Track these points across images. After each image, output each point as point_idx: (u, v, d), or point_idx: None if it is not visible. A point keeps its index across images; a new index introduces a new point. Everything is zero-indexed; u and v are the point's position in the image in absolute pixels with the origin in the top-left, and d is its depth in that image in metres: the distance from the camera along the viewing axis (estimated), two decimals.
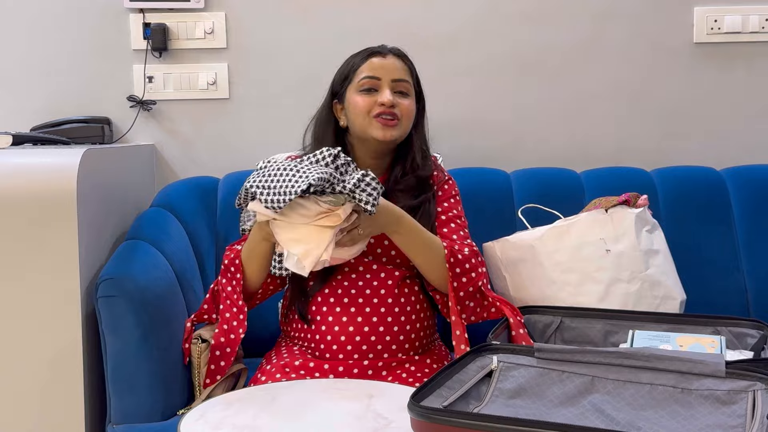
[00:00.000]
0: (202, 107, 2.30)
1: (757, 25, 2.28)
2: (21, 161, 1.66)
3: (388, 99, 1.66)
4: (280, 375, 1.59)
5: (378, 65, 1.69)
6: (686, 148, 2.31)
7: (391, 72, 1.69)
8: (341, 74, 1.74)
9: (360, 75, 1.69)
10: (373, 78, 1.68)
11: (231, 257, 1.66)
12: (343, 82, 1.72)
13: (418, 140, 1.75)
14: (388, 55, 1.71)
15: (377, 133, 1.66)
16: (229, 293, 1.65)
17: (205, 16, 2.27)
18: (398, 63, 1.71)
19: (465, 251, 1.63)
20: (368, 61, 1.70)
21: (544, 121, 2.32)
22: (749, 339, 1.55)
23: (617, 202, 1.83)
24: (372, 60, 1.70)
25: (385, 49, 1.72)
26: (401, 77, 1.69)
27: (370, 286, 1.63)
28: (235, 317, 1.63)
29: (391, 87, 1.68)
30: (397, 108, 1.67)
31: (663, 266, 1.82)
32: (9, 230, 1.60)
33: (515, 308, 1.67)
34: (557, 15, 2.29)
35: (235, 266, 1.65)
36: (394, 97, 1.67)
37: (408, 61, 1.74)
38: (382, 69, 1.69)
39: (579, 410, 1.24)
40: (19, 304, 1.61)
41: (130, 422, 1.60)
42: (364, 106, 1.67)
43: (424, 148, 1.75)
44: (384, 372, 1.61)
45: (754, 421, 1.13)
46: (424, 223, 1.65)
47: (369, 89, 1.68)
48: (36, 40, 2.27)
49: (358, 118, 1.68)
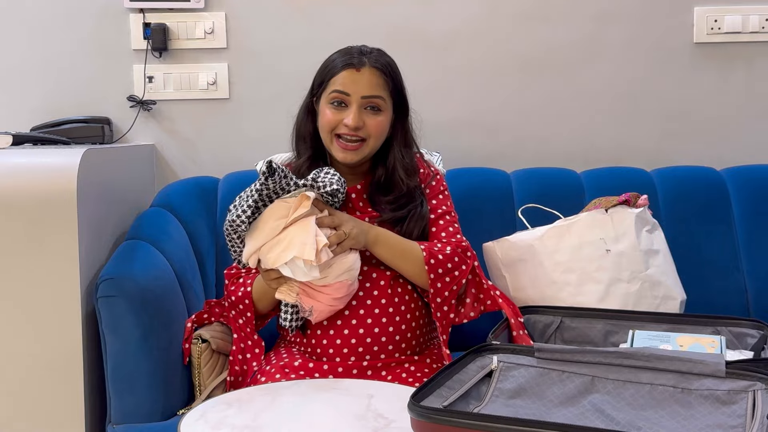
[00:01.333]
0: (202, 107, 2.30)
1: (757, 25, 2.28)
2: (21, 161, 1.66)
3: (353, 121, 1.62)
4: (279, 375, 1.59)
5: (350, 80, 1.64)
6: (686, 148, 2.31)
7: (363, 89, 1.63)
8: (319, 76, 1.71)
9: (331, 87, 1.65)
10: (342, 93, 1.64)
11: (239, 296, 1.66)
12: (320, 85, 1.70)
13: (399, 151, 1.71)
14: (363, 68, 1.64)
15: (337, 155, 1.67)
16: (242, 326, 1.68)
17: (205, 16, 2.27)
18: (373, 77, 1.64)
19: (447, 250, 1.62)
20: (342, 73, 1.64)
21: (544, 121, 2.32)
22: (749, 339, 1.55)
23: (617, 202, 1.83)
24: (346, 73, 1.64)
25: (361, 59, 1.65)
26: (373, 93, 1.64)
27: (363, 288, 1.63)
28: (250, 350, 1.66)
29: (361, 104, 1.64)
30: (363, 129, 1.64)
31: (663, 266, 1.82)
32: (9, 230, 1.60)
33: (516, 308, 1.67)
34: (557, 15, 2.29)
35: (245, 305, 1.66)
36: (362, 116, 1.63)
37: (386, 72, 1.66)
38: (353, 85, 1.63)
39: (579, 410, 1.24)
40: (19, 305, 1.61)
41: (130, 422, 1.60)
42: (329, 122, 1.65)
43: (406, 161, 1.71)
44: (383, 372, 1.61)
45: (754, 421, 1.13)
46: (413, 227, 1.66)
47: (338, 104, 1.65)
48: (36, 40, 2.27)
49: (323, 132, 1.68)
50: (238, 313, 1.68)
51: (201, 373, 1.68)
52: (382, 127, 1.68)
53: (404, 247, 1.63)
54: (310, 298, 1.55)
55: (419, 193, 1.72)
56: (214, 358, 1.70)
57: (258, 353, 1.66)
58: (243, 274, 1.72)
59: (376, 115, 1.66)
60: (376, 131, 1.66)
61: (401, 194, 1.69)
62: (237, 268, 1.73)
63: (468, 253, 1.66)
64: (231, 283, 1.72)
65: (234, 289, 1.69)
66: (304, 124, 1.75)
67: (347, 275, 1.55)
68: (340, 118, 1.64)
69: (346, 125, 1.63)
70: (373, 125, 1.65)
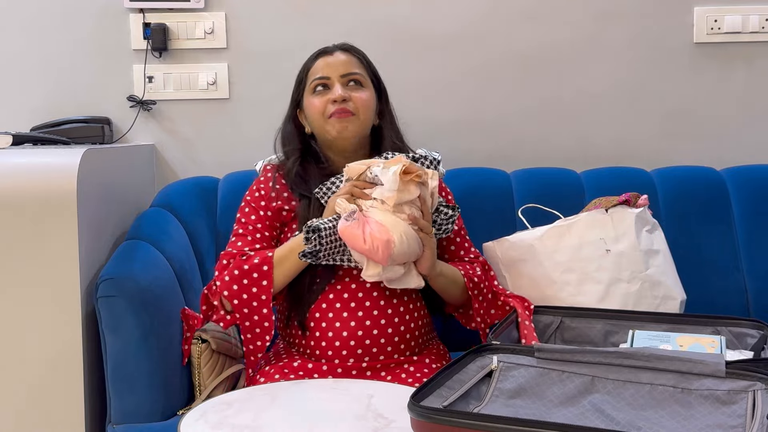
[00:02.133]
0: (202, 107, 2.30)
1: (757, 25, 2.28)
2: (21, 161, 1.66)
3: (339, 94, 1.67)
4: (279, 376, 1.59)
5: (324, 65, 1.72)
6: (686, 148, 2.31)
7: (339, 68, 1.70)
8: (297, 80, 1.77)
9: (311, 77, 1.72)
10: (322, 78, 1.70)
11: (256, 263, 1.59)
12: (299, 87, 1.76)
13: (390, 135, 1.76)
14: (335, 52, 1.73)
15: (333, 130, 1.68)
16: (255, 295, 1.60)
17: (205, 16, 2.27)
18: (346, 57, 1.73)
19: (477, 271, 1.70)
20: (316, 63, 1.73)
21: (544, 121, 2.32)
22: (749, 339, 1.55)
23: (617, 202, 1.83)
24: (319, 60, 1.73)
25: (332, 47, 1.75)
26: (350, 70, 1.71)
27: (363, 289, 1.63)
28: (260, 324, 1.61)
29: (342, 82, 1.69)
30: (351, 102, 1.68)
31: (663, 266, 1.82)
32: (9, 230, 1.60)
33: (525, 300, 1.67)
34: (557, 15, 2.29)
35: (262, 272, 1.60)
36: (346, 91, 1.68)
37: (357, 53, 1.76)
38: (329, 67, 1.71)
39: (579, 410, 1.24)
40: (19, 304, 1.61)
41: (130, 422, 1.61)
42: (319, 107, 1.69)
43: (397, 142, 1.76)
44: (383, 373, 1.61)
45: (754, 421, 1.13)
46: None
47: (322, 88, 1.70)
48: (36, 40, 2.27)
49: (316, 120, 1.71)
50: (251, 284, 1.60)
51: (201, 373, 1.68)
52: (369, 101, 1.71)
53: (454, 275, 1.67)
54: (359, 222, 1.50)
55: None
56: (214, 358, 1.70)
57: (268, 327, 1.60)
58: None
59: (360, 90, 1.71)
60: (363, 104, 1.70)
61: None
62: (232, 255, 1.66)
63: (487, 266, 1.75)
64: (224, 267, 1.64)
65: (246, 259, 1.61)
66: (289, 132, 1.79)
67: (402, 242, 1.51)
68: (327, 99, 1.69)
69: (334, 100, 1.67)
70: (359, 99, 1.69)
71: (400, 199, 1.51)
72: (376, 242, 1.48)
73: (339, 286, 1.64)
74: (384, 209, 1.51)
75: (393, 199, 1.50)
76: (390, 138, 1.76)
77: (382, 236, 1.48)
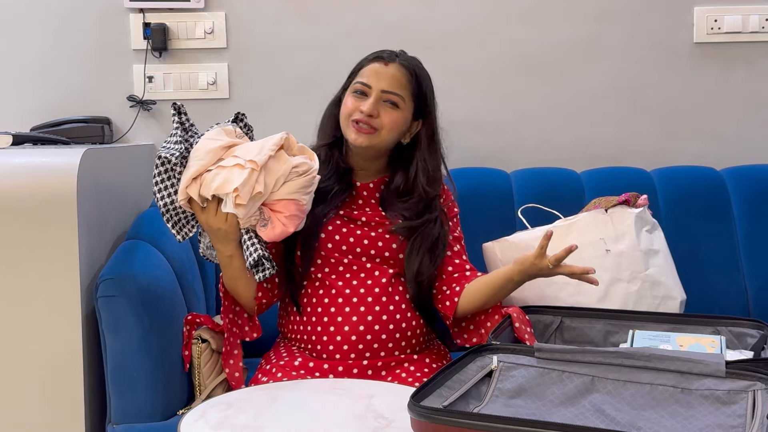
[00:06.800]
0: (202, 107, 2.30)
1: (757, 25, 2.28)
2: (21, 161, 1.66)
3: (368, 108, 1.64)
4: (281, 374, 1.59)
5: (374, 72, 1.68)
6: (686, 148, 2.31)
7: (384, 82, 1.66)
8: (352, 70, 1.74)
9: (358, 78, 1.69)
10: (364, 84, 1.67)
11: (220, 293, 1.69)
12: (350, 77, 1.74)
13: (422, 159, 1.71)
14: (391, 64, 1.68)
15: (350, 136, 1.68)
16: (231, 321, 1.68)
17: (205, 16, 2.27)
18: (398, 74, 1.67)
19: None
20: (369, 65, 1.69)
21: (545, 121, 2.32)
22: (749, 339, 1.55)
23: (617, 202, 1.83)
24: (372, 65, 1.69)
25: (391, 56, 1.70)
26: (393, 89, 1.66)
27: (364, 285, 1.64)
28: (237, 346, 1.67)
29: (379, 97, 1.66)
30: (378, 119, 1.66)
31: (663, 266, 1.82)
32: (9, 230, 1.60)
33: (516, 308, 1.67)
34: (557, 15, 2.29)
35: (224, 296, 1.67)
36: (378, 107, 1.66)
37: (412, 72, 1.69)
38: (376, 77, 1.67)
39: (579, 410, 1.24)
40: (19, 304, 1.61)
41: (130, 422, 1.61)
42: (348, 109, 1.68)
43: (429, 169, 1.71)
44: (383, 372, 1.61)
45: (754, 421, 1.13)
46: (420, 242, 1.66)
47: (361, 93, 1.68)
48: (36, 40, 2.27)
49: (343, 118, 1.70)
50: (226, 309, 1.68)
51: (201, 373, 1.68)
52: (397, 123, 1.68)
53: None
54: (273, 220, 1.56)
55: (437, 207, 1.72)
56: (214, 358, 1.70)
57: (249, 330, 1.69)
58: None
59: (393, 110, 1.67)
60: (390, 125, 1.67)
61: (420, 200, 1.69)
62: None
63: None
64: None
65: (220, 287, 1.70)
66: (330, 114, 1.77)
67: (299, 195, 1.56)
68: (359, 106, 1.67)
69: (361, 111, 1.65)
70: (387, 118, 1.66)
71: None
72: (291, 222, 1.56)
73: (340, 282, 1.64)
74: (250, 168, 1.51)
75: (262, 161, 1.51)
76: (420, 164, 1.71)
77: (291, 216, 1.56)
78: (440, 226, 1.70)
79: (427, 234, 1.67)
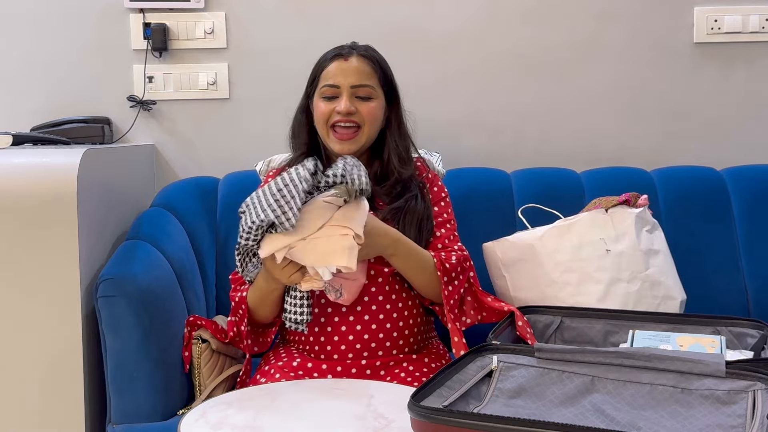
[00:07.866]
0: (202, 107, 2.30)
1: (757, 25, 2.28)
2: (21, 161, 1.66)
3: (344, 107, 1.65)
4: (279, 375, 1.59)
5: (338, 70, 1.67)
6: (686, 148, 2.31)
7: (351, 77, 1.66)
8: (312, 74, 1.74)
9: (322, 81, 1.69)
10: (332, 86, 1.67)
11: (237, 301, 1.66)
12: (312, 82, 1.73)
13: (393, 141, 1.73)
14: (351, 57, 1.68)
15: (335, 147, 1.68)
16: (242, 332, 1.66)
17: (205, 16, 2.27)
18: (361, 65, 1.68)
19: (452, 259, 1.64)
20: (330, 65, 1.69)
21: (545, 121, 2.32)
22: (749, 339, 1.55)
23: (617, 202, 1.83)
24: (333, 64, 1.68)
25: (349, 50, 1.70)
26: (362, 82, 1.67)
27: (362, 285, 1.63)
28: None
29: (351, 93, 1.66)
30: (357, 114, 1.66)
31: (663, 266, 1.82)
32: (9, 230, 1.60)
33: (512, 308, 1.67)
34: (557, 15, 2.29)
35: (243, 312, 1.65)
36: (354, 103, 1.66)
37: (374, 60, 1.70)
38: (342, 74, 1.67)
39: (579, 410, 1.24)
40: (19, 304, 1.61)
41: (130, 422, 1.61)
42: (323, 114, 1.67)
43: (401, 150, 1.73)
44: (382, 372, 1.61)
45: (754, 421, 1.13)
46: (409, 221, 1.65)
47: (330, 97, 1.67)
48: (36, 40, 2.27)
49: (319, 125, 1.70)
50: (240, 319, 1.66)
51: (201, 373, 1.68)
52: (375, 114, 1.69)
53: (420, 256, 1.62)
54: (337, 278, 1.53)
55: (415, 184, 1.72)
56: (214, 358, 1.70)
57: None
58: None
59: (368, 102, 1.68)
60: (369, 117, 1.67)
61: (396, 182, 1.70)
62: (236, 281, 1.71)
63: (467, 263, 1.69)
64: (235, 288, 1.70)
65: (233, 294, 1.67)
66: (300, 122, 1.77)
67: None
68: (333, 107, 1.67)
69: (339, 112, 1.65)
70: (366, 111, 1.67)
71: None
72: (356, 288, 1.59)
73: None
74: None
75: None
76: (392, 145, 1.72)
77: (356, 282, 1.58)
78: (422, 201, 1.70)
79: (412, 211, 1.67)
